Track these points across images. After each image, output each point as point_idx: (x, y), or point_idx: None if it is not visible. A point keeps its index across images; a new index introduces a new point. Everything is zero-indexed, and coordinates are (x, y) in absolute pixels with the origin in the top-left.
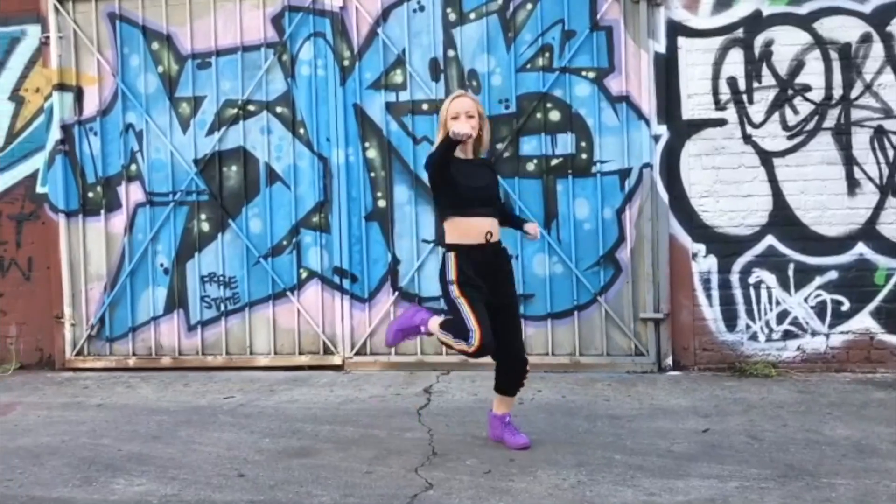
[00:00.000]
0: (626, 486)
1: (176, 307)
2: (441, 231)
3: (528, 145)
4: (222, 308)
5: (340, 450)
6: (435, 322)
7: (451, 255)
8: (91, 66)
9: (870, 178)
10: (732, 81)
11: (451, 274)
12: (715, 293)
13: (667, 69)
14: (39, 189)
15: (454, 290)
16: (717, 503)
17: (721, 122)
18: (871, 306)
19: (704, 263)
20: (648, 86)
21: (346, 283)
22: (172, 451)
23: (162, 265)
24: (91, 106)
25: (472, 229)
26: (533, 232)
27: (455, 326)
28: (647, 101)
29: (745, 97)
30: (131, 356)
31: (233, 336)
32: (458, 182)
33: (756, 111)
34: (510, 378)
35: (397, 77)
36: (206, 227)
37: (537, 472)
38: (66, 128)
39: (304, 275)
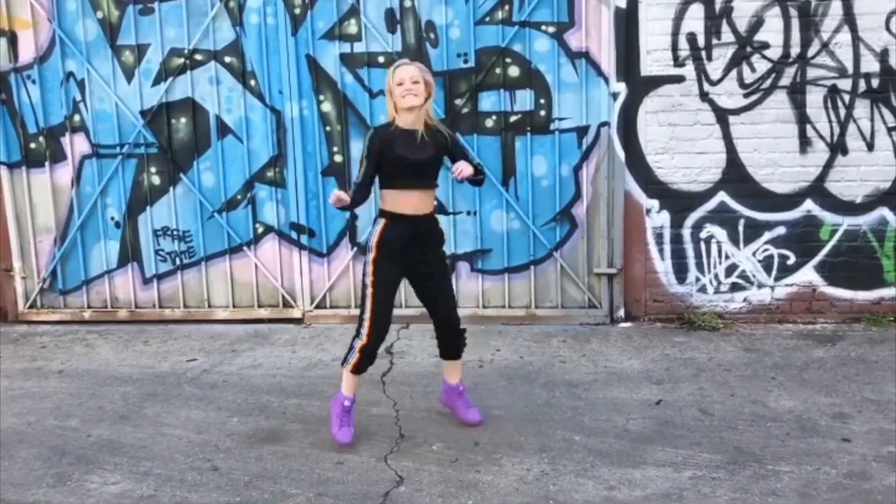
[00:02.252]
0: (586, 478)
1: (129, 260)
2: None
3: (488, 101)
4: (178, 262)
5: (310, 432)
6: (343, 381)
7: (381, 222)
8: (23, 9)
9: (821, 137)
10: (692, 38)
11: (374, 240)
12: (667, 248)
13: (627, 24)
14: None
15: (369, 267)
16: (673, 498)
17: (679, 79)
18: (816, 260)
19: (658, 219)
20: (608, 42)
21: (304, 239)
22: (142, 437)
23: (113, 218)
24: (27, 52)
25: (404, 201)
26: (457, 173)
27: (350, 344)
28: (607, 57)
29: (703, 54)
30: (87, 309)
31: (190, 289)
32: (397, 154)
33: (714, 68)
34: (450, 344)
35: (352, 27)
36: (156, 180)
37: (502, 461)
38: (1, 75)
39: (260, 230)
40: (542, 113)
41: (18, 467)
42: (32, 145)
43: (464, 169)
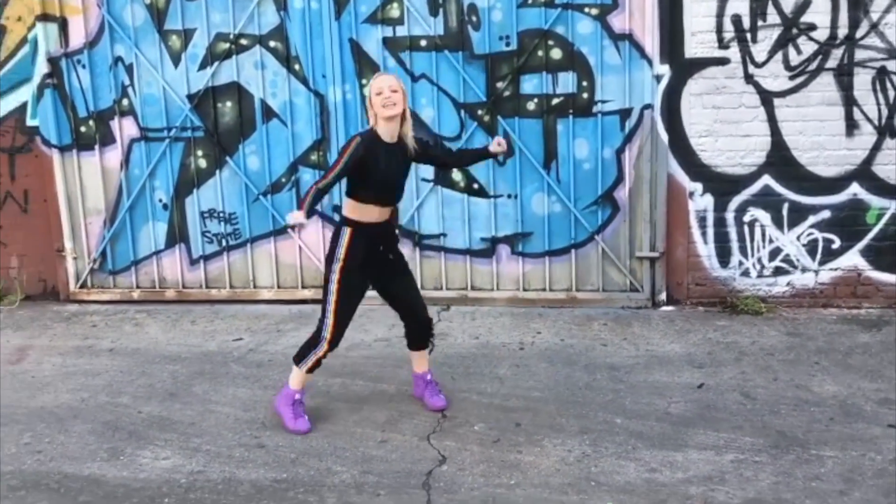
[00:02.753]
0: (628, 460)
1: (177, 242)
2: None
3: (529, 84)
4: (224, 243)
5: (353, 411)
6: (292, 377)
7: (347, 231)
8: None
9: (868, 120)
10: (737, 19)
11: (341, 251)
12: (710, 231)
13: (671, 6)
14: (30, 122)
15: (335, 274)
16: (715, 480)
17: (723, 61)
18: (861, 244)
19: (701, 202)
20: (652, 23)
21: None
22: (191, 414)
23: (161, 200)
24: (77, 37)
25: (373, 212)
26: (497, 146)
27: (306, 344)
28: (650, 39)
29: (748, 36)
30: (135, 289)
31: (235, 270)
32: (381, 170)
33: (759, 50)
34: (417, 336)
35: (394, 11)
36: (203, 163)
37: (543, 442)
38: (52, 60)
39: None
40: (585, 95)
41: (74, 442)
42: (82, 129)
43: (502, 142)
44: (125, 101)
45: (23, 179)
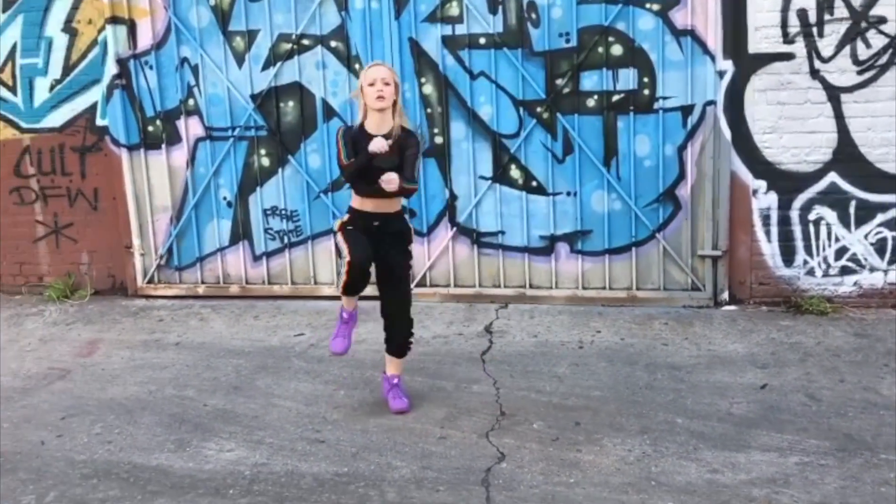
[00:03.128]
0: (689, 460)
1: (241, 238)
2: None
3: (589, 81)
4: (286, 240)
5: (413, 407)
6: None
7: (346, 216)
8: None
9: None
10: (803, 13)
11: (338, 224)
12: (774, 229)
13: (734, 1)
14: (99, 121)
15: (339, 236)
16: (779, 483)
17: (789, 56)
18: None
19: (765, 200)
20: (715, 19)
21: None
22: (254, 407)
23: (225, 198)
24: (145, 39)
25: (368, 202)
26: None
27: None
28: (713, 34)
29: (814, 30)
30: (200, 284)
31: (297, 267)
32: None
33: (826, 45)
34: (394, 342)
35: (453, 9)
36: (266, 161)
37: (603, 441)
38: (121, 61)
39: None
40: (646, 92)
41: (142, 433)
42: (150, 128)
43: (392, 180)
44: (191, 101)
45: (93, 178)
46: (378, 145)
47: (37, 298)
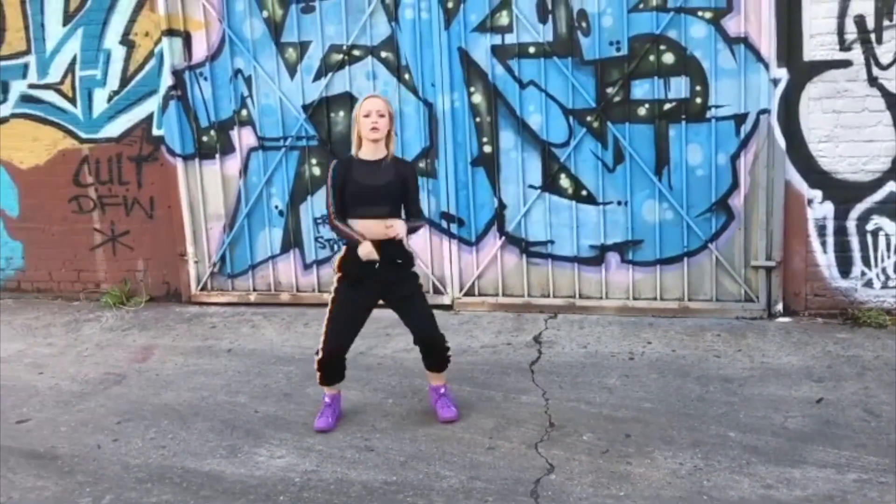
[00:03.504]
0: (742, 475)
1: (292, 247)
2: None
3: (640, 89)
4: (335, 248)
5: (461, 417)
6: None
7: (343, 248)
8: (197, 10)
9: None
10: (860, 20)
11: (335, 263)
12: (830, 240)
13: (788, 7)
14: (155, 132)
15: (333, 286)
16: (836, 500)
17: (845, 64)
18: None
19: (820, 210)
20: (769, 26)
21: (454, 228)
22: (304, 414)
23: (276, 207)
24: (200, 51)
25: (364, 228)
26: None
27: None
28: (767, 42)
29: (872, 36)
30: (252, 292)
31: None
32: (354, 180)
33: (884, 52)
34: (432, 360)
35: (503, 19)
36: (317, 171)
37: (654, 454)
38: (177, 73)
39: None
40: (698, 100)
41: (195, 438)
42: (204, 138)
43: (397, 229)
44: (244, 112)
45: (149, 187)
46: (365, 252)
47: (94, 305)
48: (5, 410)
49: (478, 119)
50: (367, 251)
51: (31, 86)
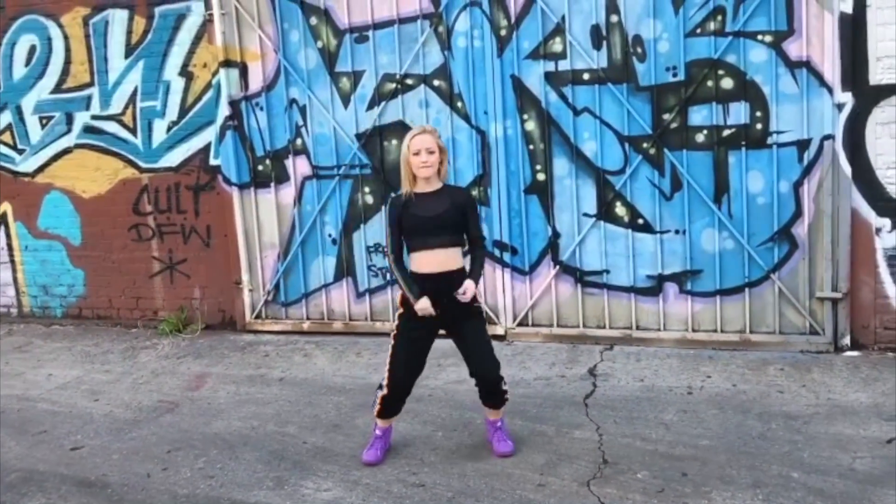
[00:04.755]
0: None
1: (345, 275)
2: None
3: (698, 115)
4: (388, 277)
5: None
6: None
7: (400, 293)
8: (253, 42)
9: None
10: None
11: (398, 299)
12: None
13: (853, 30)
14: (213, 161)
15: (395, 321)
16: None
17: None
18: None
19: (889, 239)
20: (832, 49)
21: (507, 256)
22: (353, 446)
23: (330, 235)
24: (256, 81)
25: (425, 260)
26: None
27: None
28: (831, 66)
29: None
30: (305, 320)
31: None
32: (411, 213)
33: None
34: (488, 396)
35: (556, 46)
36: (369, 199)
37: (712, 494)
38: (233, 103)
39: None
40: (759, 126)
41: (243, 469)
42: (260, 167)
43: (468, 290)
44: (299, 141)
45: (205, 215)
46: (420, 308)
47: (151, 332)
48: (60, 437)
49: (531, 146)
50: (422, 307)
51: (94, 117)
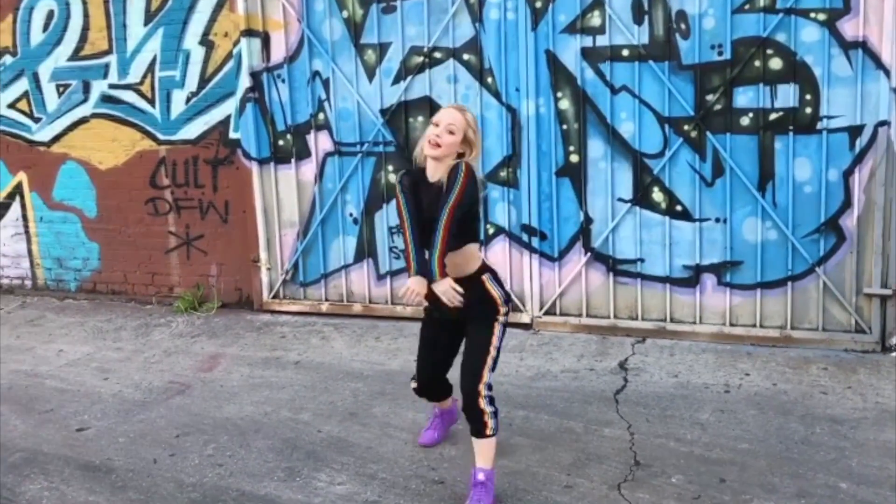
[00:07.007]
0: None
1: (365, 256)
2: None
3: (744, 97)
4: None
5: (536, 449)
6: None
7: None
8: (276, 10)
9: None
10: None
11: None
12: None
13: None
14: (232, 134)
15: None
16: None
17: None
18: None
19: None
20: (891, 29)
21: (535, 242)
22: (369, 437)
23: (351, 215)
24: (278, 52)
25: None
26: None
27: None
28: (889, 47)
29: None
30: (324, 301)
31: None
32: (421, 208)
33: None
34: (464, 409)
35: (595, 20)
36: (393, 178)
37: (752, 503)
38: (254, 75)
39: (490, 230)
40: (808, 110)
41: (254, 457)
42: (280, 142)
43: (452, 296)
44: (321, 116)
45: (224, 191)
46: (411, 287)
47: (166, 309)
48: (67, 416)
49: (564, 126)
50: (411, 288)
51: (112, 86)
